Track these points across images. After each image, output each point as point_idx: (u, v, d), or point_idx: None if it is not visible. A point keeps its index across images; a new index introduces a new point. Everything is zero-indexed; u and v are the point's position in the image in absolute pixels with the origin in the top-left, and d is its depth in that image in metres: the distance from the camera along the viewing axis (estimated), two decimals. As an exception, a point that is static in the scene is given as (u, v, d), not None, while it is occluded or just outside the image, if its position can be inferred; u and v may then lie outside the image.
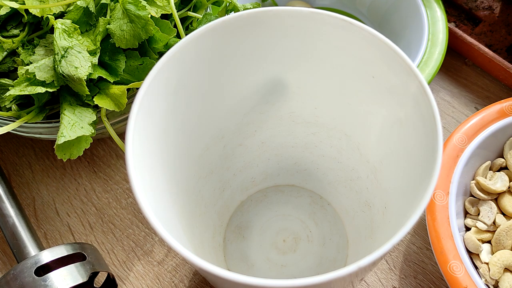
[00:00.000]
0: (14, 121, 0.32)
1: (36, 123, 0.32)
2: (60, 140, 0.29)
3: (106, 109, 0.32)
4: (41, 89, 0.30)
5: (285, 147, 0.35)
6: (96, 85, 0.32)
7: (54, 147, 0.30)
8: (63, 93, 0.32)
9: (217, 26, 0.25)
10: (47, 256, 0.30)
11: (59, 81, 0.31)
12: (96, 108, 0.32)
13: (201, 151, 0.30)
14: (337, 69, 0.27)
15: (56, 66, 0.30)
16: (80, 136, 0.30)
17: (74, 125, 0.30)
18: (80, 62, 0.30)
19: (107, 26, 0.31)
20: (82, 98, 0.32)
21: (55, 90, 0.31)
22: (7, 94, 0.30)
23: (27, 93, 0.30)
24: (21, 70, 0.31)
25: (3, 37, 0.34)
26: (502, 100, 0.37)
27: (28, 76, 0.31)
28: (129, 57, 0.32)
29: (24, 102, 0.34)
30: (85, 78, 0.30)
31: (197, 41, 0.25)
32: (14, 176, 0.42)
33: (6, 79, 0.33)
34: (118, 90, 0.31)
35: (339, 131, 0.31)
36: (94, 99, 0.31)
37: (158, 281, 0.36)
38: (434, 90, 0.45)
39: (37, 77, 0.30)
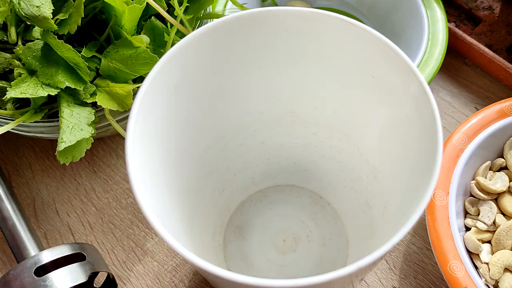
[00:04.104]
0: (14, 120, 0.32)
1: (37, 122, 0.32)
2: (60, 147, 0.29)
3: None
4: (42, 93, 0.30)
5: (285, 147, 0.35)
6: (93, 83, 0.32)
7: (56, 153, 0.30)
8: (61, 94, 0.31)
9: (217, 26, 0.25)
10: (47, 256, 0.30)
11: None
12: (95, 106, 0.32)
13: (201, 151, 0.30)
14: (337, 69, 0.27)
15: (17, 11, 0.29)
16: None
17: (74, 128, 0.30)
18: (40, 0, 0.29)
19: None
20: (80, 97, 0.32)
21: (56, 93, 0.31)
22: (7, 96, 0.30)
23: (29, 96, 0.30)
24: (17, 71, 0.31)
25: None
26: (502, 100, 0.37)
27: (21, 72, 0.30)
28: (121, 46, 0.32)
29: (21, 102, 0.33)
30: (50, 16, 0.28)
31: (197, 41, 0.25)
32: (14, 176, 0.42)
33: (2, 81, 0.33)
34: (121, 90, 0.31)
35: (339, 131, 0.31)
36: (96, 100, 0.31)
37: (158, 281, 0.36)
38: (434, 90, 0.45)
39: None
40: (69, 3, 0.30)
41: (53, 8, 0.29)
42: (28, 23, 0.29)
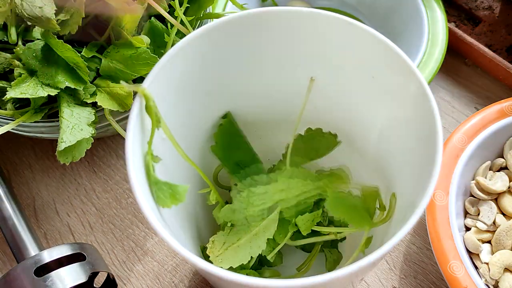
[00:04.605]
0: (14, 120, 0.32)
1: (37, 122, 0.32)
2: (61, 147, 0.29)
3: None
4: (42, 93, 0.30)
5: (283, 146, 0.35)
6: (93, 83, 0.32)
7: (56, 153, 0.30)
8: (61, 94, 0.31)
9: (218, 26, 0.25)
10: (47, 256, 0.30)
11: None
12: (95, 106, 0.32)
13: (200, 153, 0.30)
14: (337, 69, 0.27)
15: (19, 11, 0.29)
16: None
17: (74, 128, 0.30)
18: (42, 0, 0.29)
19: None
20: (80, 97, 0.32)
21: (56, 93, 0.31)
22: (7, 96, 0.30)
23: (29, 96, 0.30)
24: (17, 71, 0.31)
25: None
26: (502, 100, 0.37)
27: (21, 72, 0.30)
28: (122, 46, 0.32)
29: (22, 102, 0.33)
30: (53, 17, 0.28)
31: (197, 41, 0.25)
32: (14, 176, 0.42)
33: (3, 82, 0.33)
34: (121, 90, 0.31)
35: (338, 131, 0.31)
36: (96, 100, 0.31)
37: (158, 281, 0.36)
38: (434, 90, 0.45)
39: None
40: (70, 4, 0.30)
41: (55, 8, 0.29)
42: (29, 23, 0.30)
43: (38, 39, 0.32)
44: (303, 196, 0.27)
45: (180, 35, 0.35)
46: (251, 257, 0.26)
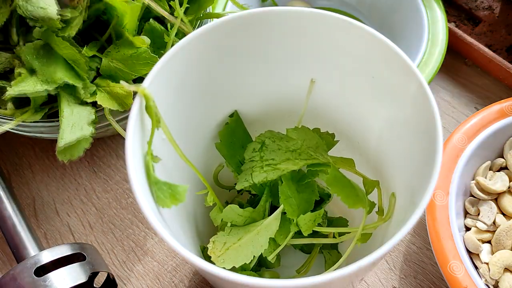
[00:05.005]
0: (14, 120, 0.32)
1: (37, 122, 0.32)
2: (60, 144, 0.29)
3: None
4: (41, 88, 0.30)
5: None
6: (93, 82, 0.32)
7: (56, 152, 0.30)
8: (61, 93, 0.31)
9: (218, 26, 0.25)
10: (47, 256, 0.30)
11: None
12: (95, 106, 0.32)
13: (201, 153, 0.30)
14: (337, 69, 0.27)
15: (22, 12, 0.29)
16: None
17: (74, 126, 0.30)
18: (45, 1, 0.29)
19: None
20: (80, 96, 0.32)
21: (56, 92, 0.31)
22: (7, 95, 0.30)
23: (27, 92, 0.30)
24: (17, 70, 0.31)
25: None
26: (502, 100, 0.37)
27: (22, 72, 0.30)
28: (122, 46, 0.32)
29: (22, 102, 0.33)
30: (56, 17, 0.29)
31: (198, 41, 0.25)
32: (14, 176, 0.42)
33: (3, 81, 0.33)
34: (121, 89, 0.31)
35: (338, 131, 0.31)
36: (96, 99, 0.31)
37: (158, 281, 0.36)
38: (434, 90, 0.45)
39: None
40: (72, 4, 0.30)
41: (57, 9, 0.29)
42: (31, 24, 0.30)
43: (38, 39, 0.32)
44: (311, 161, 0.28)
45: (180, 35, 0.35)
46: (254, 256, 0.26)
